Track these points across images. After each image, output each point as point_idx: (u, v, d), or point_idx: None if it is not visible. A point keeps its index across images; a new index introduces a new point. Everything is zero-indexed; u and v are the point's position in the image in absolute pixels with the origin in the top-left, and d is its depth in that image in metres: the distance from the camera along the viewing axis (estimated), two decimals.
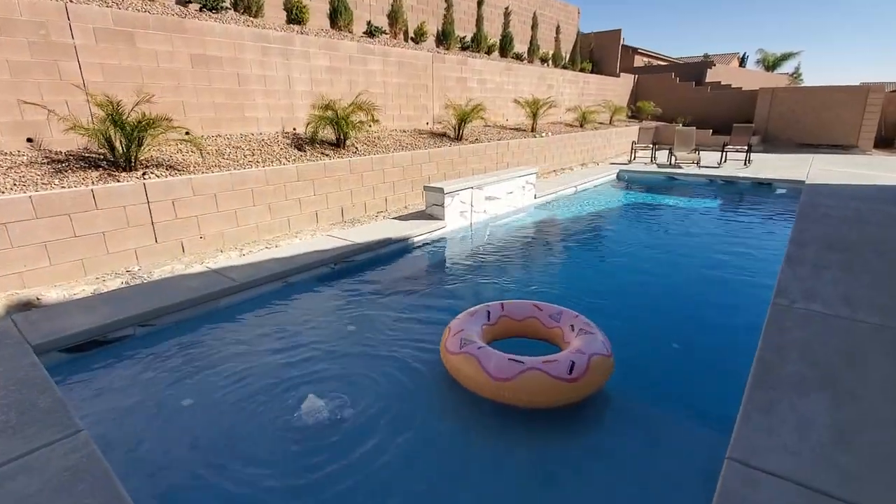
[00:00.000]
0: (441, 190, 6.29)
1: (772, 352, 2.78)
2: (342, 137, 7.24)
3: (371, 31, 10.08)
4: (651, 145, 13.07)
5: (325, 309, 4.23)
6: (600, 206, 8.64)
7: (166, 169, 5.31)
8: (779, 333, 3.01)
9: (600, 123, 16.10)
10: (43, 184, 4.51)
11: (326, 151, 6.98)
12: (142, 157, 5.35)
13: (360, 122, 7.26)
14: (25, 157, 4.94)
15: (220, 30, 6.53)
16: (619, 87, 19.65)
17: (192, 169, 5.44)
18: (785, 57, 31.23)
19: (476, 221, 7.06)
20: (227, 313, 3.96)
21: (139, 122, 5.05)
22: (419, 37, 11.31)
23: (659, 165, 12.33)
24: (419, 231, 6.04)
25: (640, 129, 14.24)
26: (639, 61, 28.75)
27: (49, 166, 4.87)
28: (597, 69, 19.69)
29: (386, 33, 10.63)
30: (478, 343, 2.98)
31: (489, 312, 3.33)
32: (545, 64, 16.66)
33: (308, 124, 7.00)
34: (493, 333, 3.28)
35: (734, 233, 6.88)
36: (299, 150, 6.81)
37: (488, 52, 13.65)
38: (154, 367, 3.21)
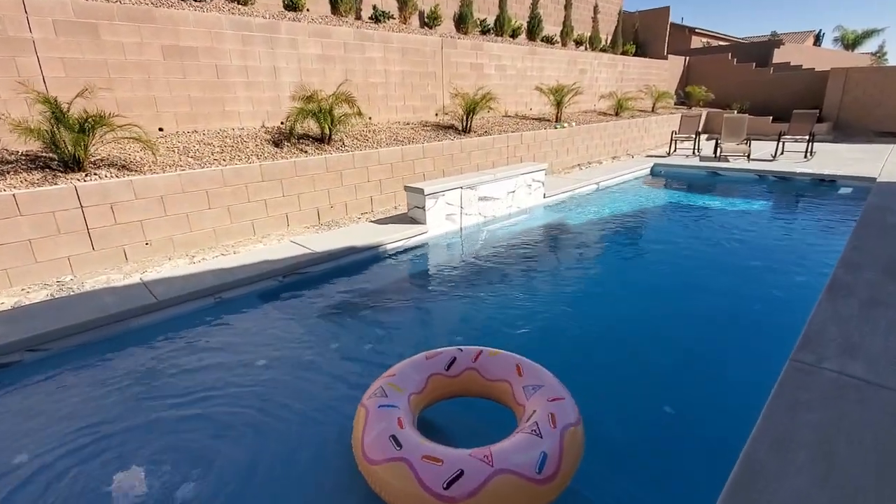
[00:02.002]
0: (421, 191, 5.60)
1: (765, 447, 1.92)
2: (327, 132, 6.69)
3: (376, 16, 9.44)
4: (693, 136, 11.64)
5: (245, 336, 3.65)
6: (621, 208, 7.59)
7: (119, 169, 4.96)
8: (787, 413, 2.12)
9: (640, 111, 14.69)
10: None
11: (307, 148, 6.45)
12: (96, 156, 5.05)
13: (345, 114, 6.67)
14: None
15: (194, 18, 6.12)
16: (665, 71, 17.95)
17: (145, 169, 5.06)
18: (867, 34, 27.63)
19: (467, 225, 6.31)
20: (134, 337, 3.50)
21: (85, 119, 4.71)
22: (432, 21, 10.55)
23: (702, 158, 10.94)
24: (394, 237, 5.39)
25: (682, 116, 12.76)
26: (696, 42, 26.39)
27: None
28: (642, 51, 18.07)
29: (394, 18, 9.96)
30: (388, 399, 2.30)
31: (454, 359, 2.53)
32: (580, 47, 15.38)
33: (288, 118, 6.49)
34: (450, 388, 2.50)
35: (776, 248, 5.66)
36: (277, 146, 6.33)
37: (513, 36, 12.66)
38: (16, 406, 2.78)
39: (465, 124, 8.68)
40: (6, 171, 4.58)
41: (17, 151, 5.05)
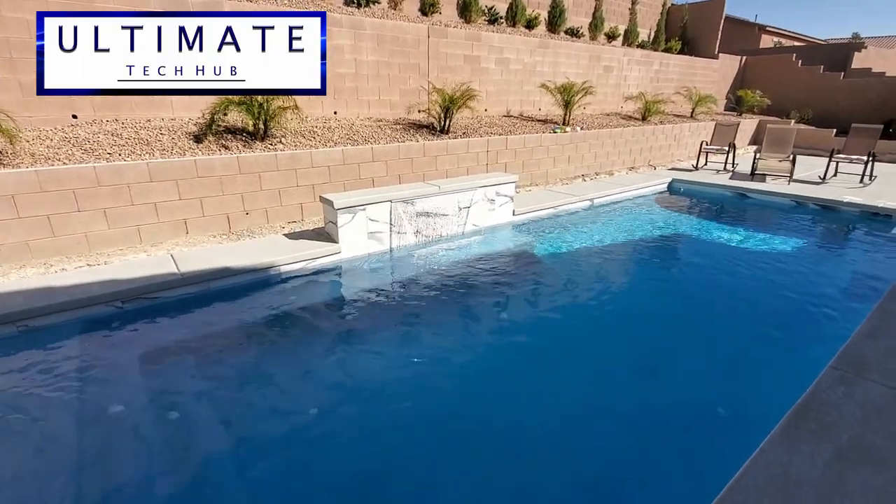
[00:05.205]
0: (331, 203, 4.69)
1: None
2: (261, 127, 5.91)
3: (358, 1, 8.55)
4: (727, 147, 9.95)
5: (26, 382, 2.92)
6: (606, 236, 6.30)
7: None
8: None
9: (677, 116, 12.99)
10: None
11: (231, 144, 5.70)
12: None
13: (280, 107, 5.85)
14: None
15: None
16: (714, 72, 15.95)
17: (16, 162, 4.47)
18: None
19: (401, 246, 5.33)
20: None
21: None
22: (429, 7, 9.54)
23: (734, 175, 9.31)
24: (290, 258, 4.52)
25: (716, 124, 11.03)
26: (767, 42, 23.67)
27: None
28: (690, 49, 16.14)
29: (380, 3, 9.04)
30: None
31: None
32: (612, 41, 13.80)
33: (213, 110, 5.75)
34: None
35: (778, 320, 4.06)
36: (199, 141, 5.62)
37: (529, 27, 11.40)
38: None
39: (442, 124, 7.67)
40: None
41: None
